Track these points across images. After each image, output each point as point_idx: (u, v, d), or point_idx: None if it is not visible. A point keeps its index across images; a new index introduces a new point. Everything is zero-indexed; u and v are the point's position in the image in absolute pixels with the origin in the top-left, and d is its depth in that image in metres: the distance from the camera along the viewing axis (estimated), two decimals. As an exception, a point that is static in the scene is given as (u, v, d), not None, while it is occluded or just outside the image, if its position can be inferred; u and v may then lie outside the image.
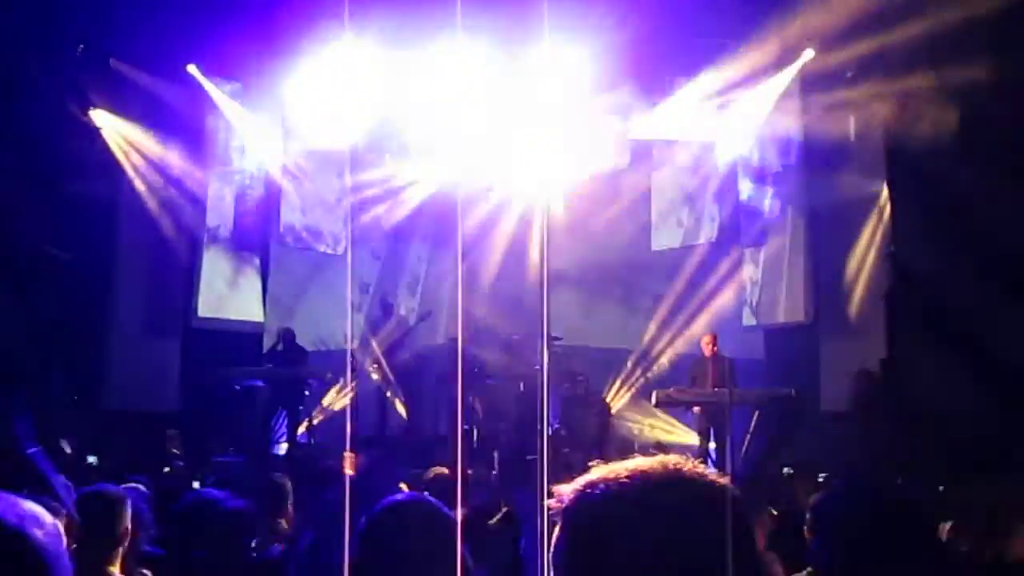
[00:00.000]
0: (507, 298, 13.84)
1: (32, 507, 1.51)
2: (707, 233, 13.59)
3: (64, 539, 1.54)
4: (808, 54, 12.31)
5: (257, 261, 13.82)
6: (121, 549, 3.75)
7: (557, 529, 1.38)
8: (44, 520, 1.50)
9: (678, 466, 1.38)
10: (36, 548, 1.45)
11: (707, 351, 12.19)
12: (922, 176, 9.17)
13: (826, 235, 12.30)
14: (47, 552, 1.46)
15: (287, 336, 12.62)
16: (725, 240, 13.46)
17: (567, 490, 1.39)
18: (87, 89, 11.84)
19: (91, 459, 10.38)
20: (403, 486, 5.63)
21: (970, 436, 8.36)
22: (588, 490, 1.37)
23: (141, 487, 5.41)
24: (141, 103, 12.56)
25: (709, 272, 13.47)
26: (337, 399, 13.08)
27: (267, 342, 13.30)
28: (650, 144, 14.13)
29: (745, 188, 13.39)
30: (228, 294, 13.49)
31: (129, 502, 3.89)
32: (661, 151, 14.05)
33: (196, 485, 8.50)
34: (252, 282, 13.74)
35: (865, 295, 11.57)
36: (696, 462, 1.41)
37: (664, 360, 13.58)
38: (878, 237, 11.28)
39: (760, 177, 13.21)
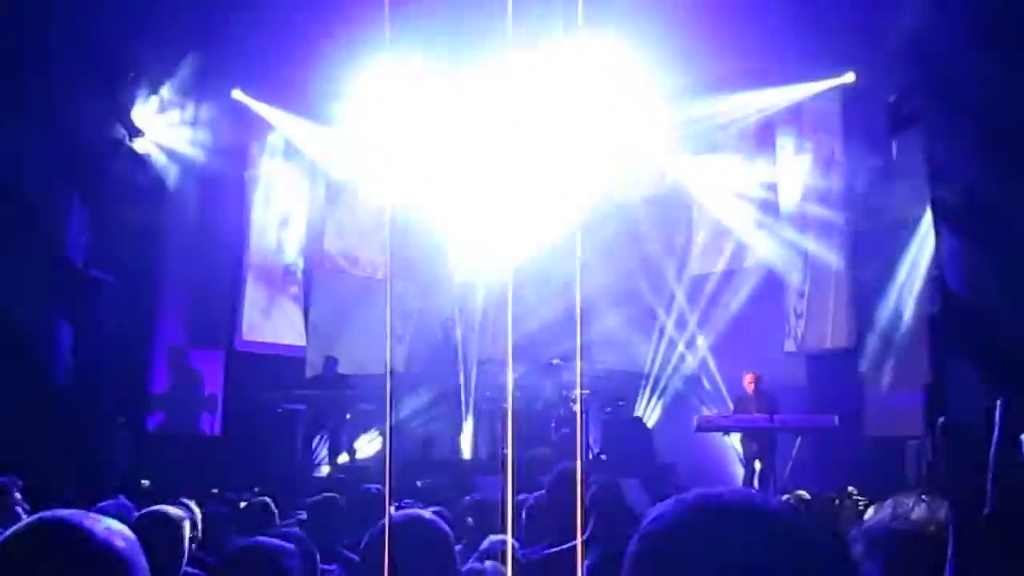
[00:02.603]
0: (549, 321, 13.85)
1: (115, 522, 1.66)
2: (749, 257, 13.50)
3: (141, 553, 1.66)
4: (848, 77, 12.31)
5: (300, 285, 13.92)
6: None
7: (626, 563, 1.30)
8: (127, 534, 1.65)
9: (750, 496, 1.30)
10: (122, 558, 1.60)
11: (749, 389, 12.11)
12: (966, 198, 9.08)
13: (870, 259, 12.20)
14: (131, 562, 1.62)
15: (330, 364, 12.75)
16: (765, 264, 13.36)
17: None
18: (136, 115, 12.04)
19: (145, 482, 10.49)
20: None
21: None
22: (654, 523, 1.28)
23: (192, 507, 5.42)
24: (188, 128, 12.76)
25: (751, 297, 13.40)
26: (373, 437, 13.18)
27: (309, 367, 13.40)
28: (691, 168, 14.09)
29: (787, 212, 13.30)
30: (270, 318, 13.58)
31: (188, 523, 3.91)
32: (703, 175, 13.99)
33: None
34: (294, 306, 13.83)
35: (910, 320, 11.47)
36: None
37: (706, 385, 13.49)
38: (923, 261, 11.18)
39: (802, 200, 13.12)
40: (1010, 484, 1.07)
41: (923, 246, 11.22)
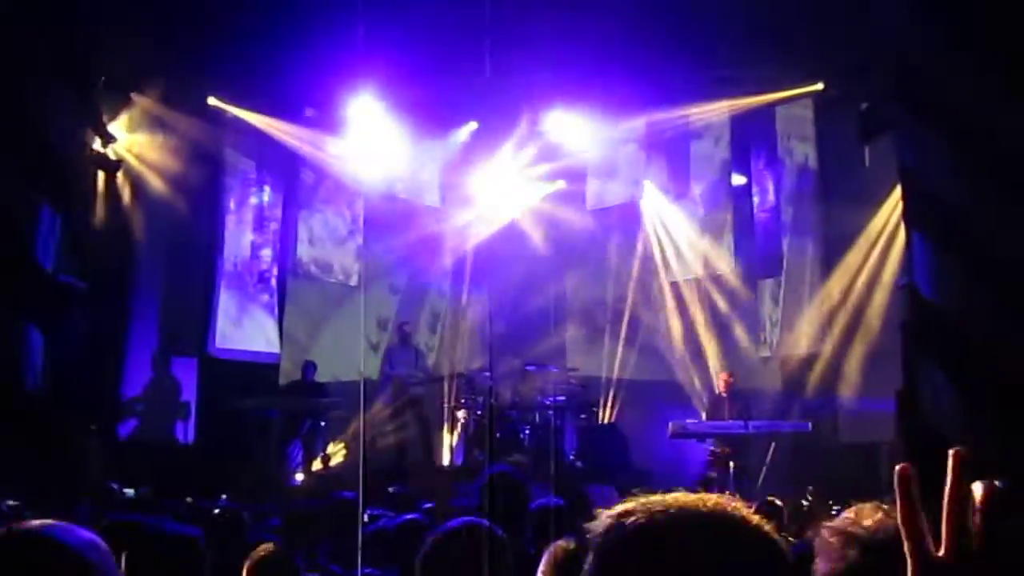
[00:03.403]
0: (522, 330, 13.90)
1: (86, 532, 1.65)
2: (724, 264, 13.54)
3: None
4: (818, 85, 12.42)
5: (274, 292, 13.85)
6: None
7: (589, 558, 1.30)
8: (99, 544, 1.65)
9: (721, 505, 1.28)
10: (94, 569, 1.59)
11: (723, 389, 12.19)
12: (937, 205, 9.14)
13: (843, 265, 12.27)
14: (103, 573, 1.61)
15: (308, 369, 12.71)
16: (741, 270, 13.41)
17: (602, 518, 1.29)
18: (107, 121, 11.94)
19: (128, 492, 10.38)
20: None
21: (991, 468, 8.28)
22: (622, 520, 1.27)
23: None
24: (161, 134, 12.68)
25: (726, 303, 13.46)
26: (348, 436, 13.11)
27: (283, 374, 13.35)
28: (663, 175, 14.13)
29: (761, 218, 13.37)
30: (242, 327, 13.50)
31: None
32: (677, 183, 14.03)
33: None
34: (266, 314, 13.75)
35: (882, 326, 11.55)
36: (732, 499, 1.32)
37: (683, 391, 13.52)
38: (895, 267, 11.26)
39: (776, 207, 13.20)
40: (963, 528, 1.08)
41: (896, 253, 11.31)
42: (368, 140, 13.84)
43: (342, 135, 13.72)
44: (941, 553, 1.11)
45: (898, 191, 10.93)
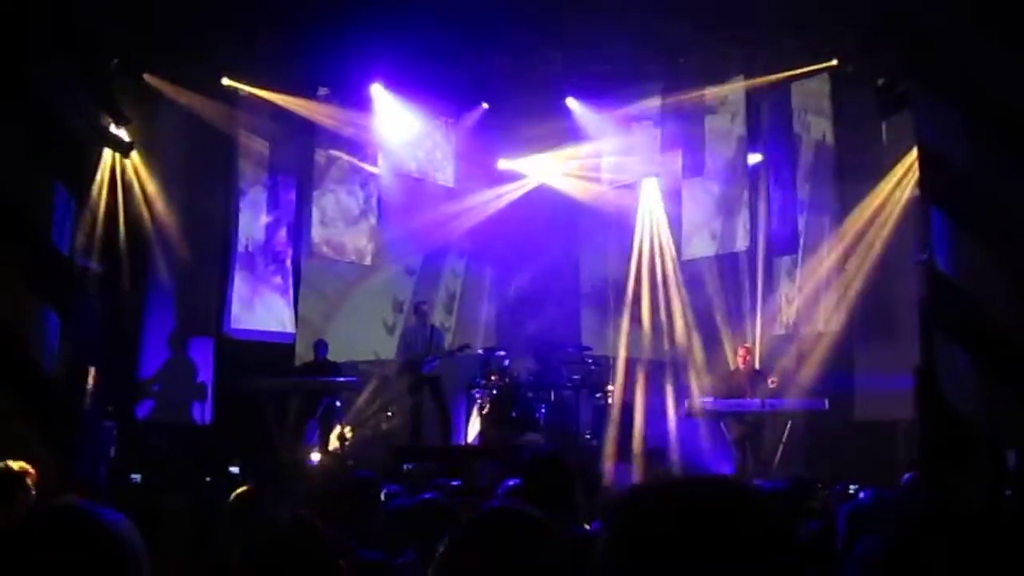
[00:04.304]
0: (536, 309, 13.92)
1: (115, 513, 1.69)
2: (740, 242, 13.45)
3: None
4: (832, 62, 12.31)
5: (289, 273, 13.84)
6: None
7: (604, 530, 1.35)
8: (128, 522, 1.69)
9: (735, 482, 1.35)
10: (129, 544, 1.64)
11: (741, 363, 12.19)
12: (955, 181, 9.07)
13: (860, 242, 12.19)
14: (135, 551, 1.65)
15: (320, 348, 12.72)
16: (758, 249, 13.32)
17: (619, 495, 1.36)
18: (120, 103, 11.92)
19: (135, 477, 10.44)
20: None
21: (1008, 443, 8.24)
22: (638, 492, 1.34)
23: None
24: (174, 115, 12.68)
25: (742, 281, 13.40)
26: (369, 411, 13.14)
27: (299, 355, 13.37)
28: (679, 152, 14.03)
29: (778, 196, 13.26)
30: (256, 307, 13.50)
31: None
32: (692, 160, 13.92)
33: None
34: (277, 296, 13.74)
35: (899, 302, 11.48)
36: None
37: (698, 370, 13.47)
38: (911, 244, 11.18)
39: (792, 184, 13.09)
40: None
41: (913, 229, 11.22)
42: (381, 119, 13.83)
43: (355, 114, 13.71)
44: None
45: (914, 164, 10.85)
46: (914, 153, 10.48)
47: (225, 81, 12.98)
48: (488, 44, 12.83)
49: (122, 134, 11.97)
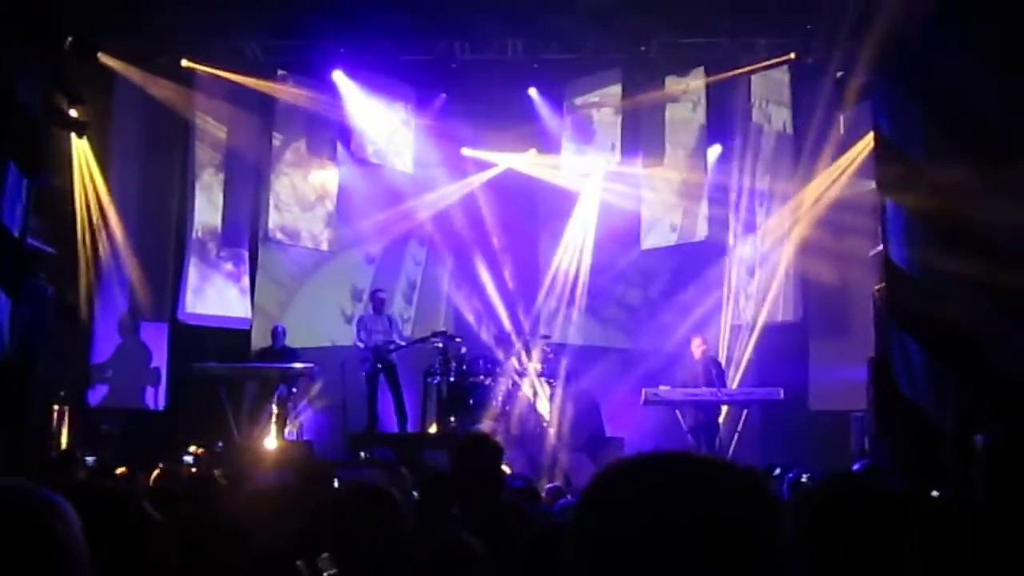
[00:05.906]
0: (494, 297, 13.90)
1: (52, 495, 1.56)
2: (700, 232, 13.51)
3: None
4: (790, 56, 12.42)
5: (244, 259, 13.70)
6: None
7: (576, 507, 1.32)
8: (64, 506, 1.55)
9: (704, 455, 1.32)
10: (57, 538, 1.50)
11: (697, 353, 12.25)
12: (911, 174, 9.15)
13: (816, 233, 12.28)
14: (69, 542, 1.52)
15: (278, 334, 12.60)
16: (716, 238, 13.38)
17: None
18: (74, 83, 11.73)
19: (89, 459, 10.29)
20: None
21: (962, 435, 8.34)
22: (611, 466, 1.31)
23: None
24: (130, 97, 12.51)
25: (699, 270, 13.46)
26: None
27: (255, 340, 13.25)
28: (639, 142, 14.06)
29: (738, 185, 13.32)
30: (207, 292, 13.36)
31: None
32: (652, 149, 13.95)
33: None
34: (229, 283, 13.60)
35: (855, 294, 11.59)
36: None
37: (655, 359, 13.52)
38: (867, 235, 11.27)
39: (752, 173, 13.17)
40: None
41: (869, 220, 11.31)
42: (340, 103, 13.71)
43: (314, 98, 13.58)
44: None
45: (869, 155, 10.94)
46: (870, 144, 10.56)
47: (184, 63, 12.82)
48: (451, 31, 12.79)
49: (76, 114, 11.78)
